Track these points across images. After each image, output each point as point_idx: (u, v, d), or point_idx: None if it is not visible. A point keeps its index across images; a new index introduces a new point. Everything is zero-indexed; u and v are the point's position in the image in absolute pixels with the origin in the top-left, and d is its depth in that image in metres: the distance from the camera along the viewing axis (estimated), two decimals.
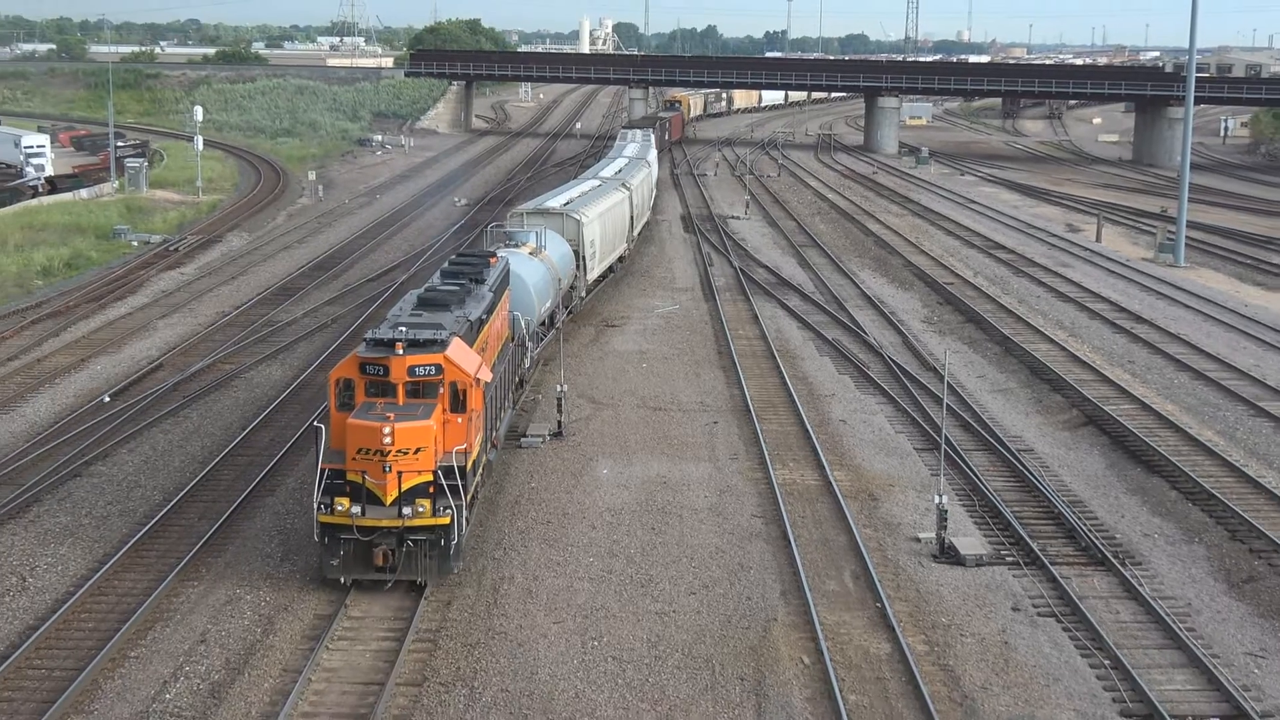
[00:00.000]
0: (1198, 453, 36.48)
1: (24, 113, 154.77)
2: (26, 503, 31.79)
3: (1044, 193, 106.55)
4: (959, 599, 27.15)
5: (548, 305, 44.48)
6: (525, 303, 40.18)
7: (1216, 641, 25.51)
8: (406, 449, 25.64)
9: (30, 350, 47.15)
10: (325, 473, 25.99)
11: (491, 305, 33.11)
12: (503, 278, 36.84)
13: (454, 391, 26.95)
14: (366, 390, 26.77)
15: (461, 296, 31.25)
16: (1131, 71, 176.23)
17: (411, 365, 26.54)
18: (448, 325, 28.15)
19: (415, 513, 25.80)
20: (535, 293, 41.61)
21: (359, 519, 25.78)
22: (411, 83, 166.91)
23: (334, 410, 27.05)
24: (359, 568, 26.25)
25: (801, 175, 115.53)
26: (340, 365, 27.38)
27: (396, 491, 25.74)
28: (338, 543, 26.10)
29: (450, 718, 22.05)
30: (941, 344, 49.49)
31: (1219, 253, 74.32)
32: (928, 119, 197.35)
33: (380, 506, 25.83)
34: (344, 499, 25.76)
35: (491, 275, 35.26)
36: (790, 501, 32.53)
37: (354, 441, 25.75)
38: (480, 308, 31.51)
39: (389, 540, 25.97)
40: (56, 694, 22.44)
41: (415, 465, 25.78)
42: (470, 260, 36.65)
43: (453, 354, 26.99)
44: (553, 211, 53.19)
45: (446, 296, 30.69)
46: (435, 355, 26.75)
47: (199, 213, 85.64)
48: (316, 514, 26.03)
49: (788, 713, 22.40)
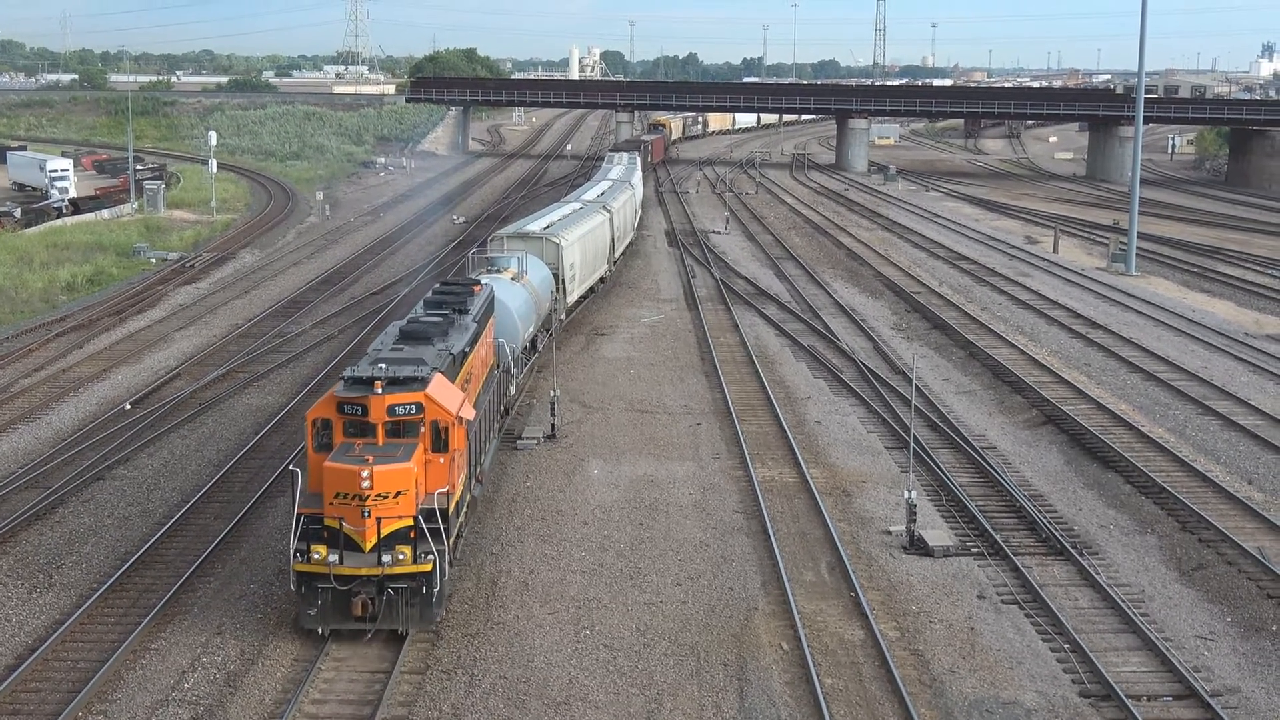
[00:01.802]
0: (1150, 449, 36.52)
1: (49, 138, 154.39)
2: (52, 504, 31.67)
3: (1004, 207, 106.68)
4: (928, 588, 27.14)
5: (530, 330, 42.87)
6: (509, 329, 38.58)
7: (1168, 626, 25.53)
8: (386, 493, 23.27)
9: (56, 361, 46.98)
10: (301, 518, 23.59)
11: (475, 335, 31.03)
12: (487, 306, 34.79)
13: (435, 431, 24.62)
14: (345, 430, 24.35)
15: (445, 328, 29.19)
16: (1085, 93, 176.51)
17: (391, 404, 24.18)
18: (429, 360, 26.05)
19: (395, 560, 23.42)
20: (519, 318, 40.11)
21: (336, 568, 23.40)
22: (412, 108, 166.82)
23: (311, 451, 24.69)
24: (337, 617, 23.81)
25: (777, 192, 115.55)
26: (317, 405, 24.94)
27: (376, 538, 23.40)
28: (315, 592, 23.67)
29: (452, 703, 21.99)
30: (909, 349, 49.49)
31: (1168, 262, 74.46)
32: (895, 139, 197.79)
33: (359, 553, 23.43)
34: (321, 546, 23.39)
35: (475, 304, 33.12)
36: (769, 498, 32.50)
37: (331, 485, 23.39)
38: (464, 339, 29.42)
39: (368, 589, 23.54)
40: (81, 684, 22.35)
41: (395, 510, 23.40)
42: (454, 290, 34.64)
43: (434, 392, 24.66)
44: (532, 235, 51.40)
45: (429, 329, 28.63)
46: (416, 394, 24.36)
47: (213, 231, 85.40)
48: (292, 562, 23.62)
49: (768, 696, 22.37)
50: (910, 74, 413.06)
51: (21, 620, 25.30)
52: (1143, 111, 77.08)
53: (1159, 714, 21.97)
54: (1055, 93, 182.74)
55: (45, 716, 21.36)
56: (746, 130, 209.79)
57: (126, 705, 21.92)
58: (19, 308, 57.67)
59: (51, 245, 73.40)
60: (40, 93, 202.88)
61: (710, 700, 22.22)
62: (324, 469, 23.56)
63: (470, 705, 21.88)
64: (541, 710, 21.78)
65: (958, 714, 21.86)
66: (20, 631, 24.81)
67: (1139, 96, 77.24)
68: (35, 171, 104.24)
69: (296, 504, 23.77)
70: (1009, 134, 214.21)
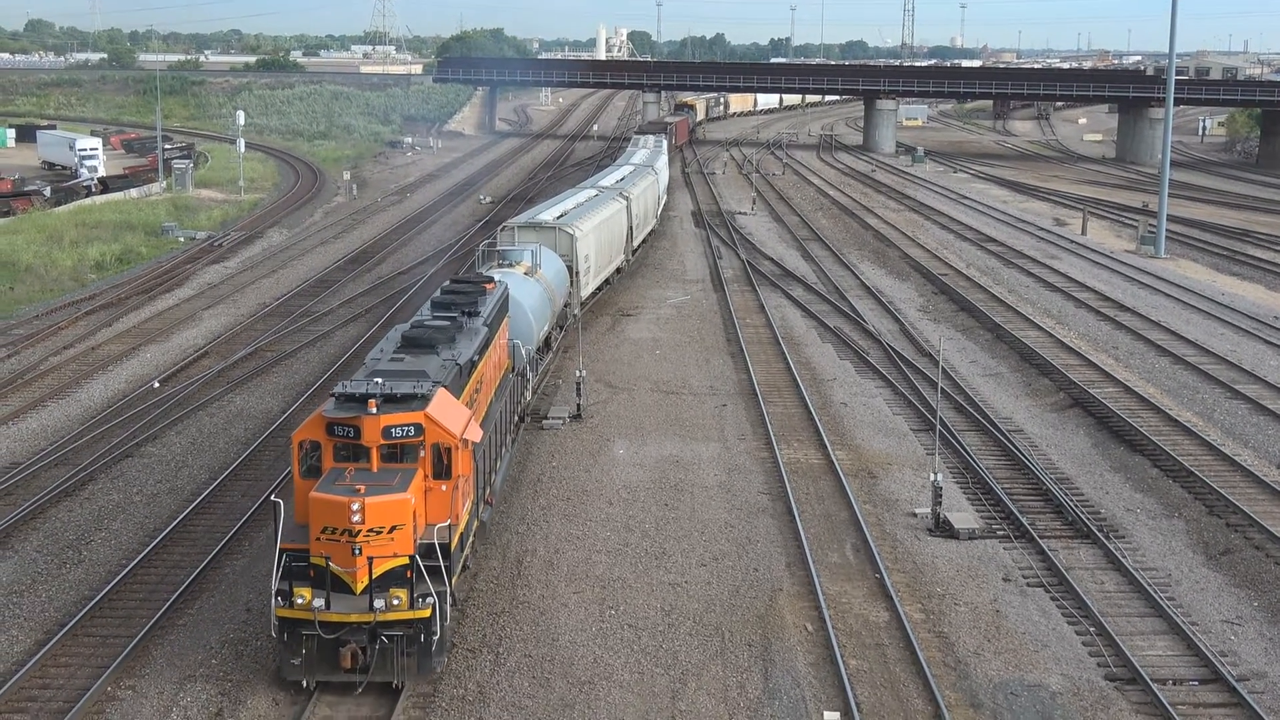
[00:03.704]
0: (1177, 433, 36.34)
1: (78, 118, 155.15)
2: (82, 481, 31.89)
3: (1032, 189, 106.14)
4: (953, 570, 27.10)
5: (545, 329, 40.35)
6: (524, 329, 35.81)
7: (1195, 610, 25.44)
8: (380, 527, 20.56)
9: (85, 339, 47.25)
10: (284, 554, 20.88)
11: (486, 341, 28.30)
12: (500, 305, 31.90)
13: (437, 455, 21.95)
14: (335, 454, 21.69)
15: (452, 334, 26.34)
16: (1115, 74, 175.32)
17: (387, 425, 21.39)
18: (432, 373, 23.44)
19: (389, 605, 20.67)
20: (534, 317, 37.44)
21: (323, 613, 20.61)
22: (439, 88, 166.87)
23: (297, 477, 22.01)
24: (324, 668, 21.01)
25: (804, 173, 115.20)
26: (304, 425, 22.13)
27: (368, 579, 20.62)
28: (299, 639, 20.87)
29: (477, 681, 22.07)
30: (936, 331, 49.34)
31: (1197, 245, 74.01)
32: (923, 120, 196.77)
33: (348, 596, 20.70)
34: (305, 589, 20.63)
35: (487, 306, 30.20)
36: (795, 479, 32.48)
37: (318, 518, 20.70)
38: (472, 347, 26.60)
39: (359, 637, 20.77)
40: (111, 659, 22.52)
41: (390, 547, 20.69)
42: (464, 289, 31.33)
43: (436, 411, 21.93)
44: (545, 225, 48.01)
45: (434, 335, 25.80)
46: (414, 413, 21.63)
47: (241, 210, 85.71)
48: (273, 607, 20.85)
49: (792, 676, 22.38)
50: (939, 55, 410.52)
51: (51, 596, 25.51)
52: (1173, 93, 76.52)
53: (1185, 698, 21.90)
54: (1085, 74, 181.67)
55: (75, 690, 21.53)
56: (768, 112, 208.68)
57: (155, 680, 22.08)
58: (49, 286, 58.03)
59: (81, 224, 73.79)
60: (69, 72, 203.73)
61: (735, 680, 22.25)
62: (310, 500, 20.89)
63: (495, 683, 21.96)
64: (566, 689, 21.84)
65: (982, 696, 21.84)
66: (50, 607, 25.01)
67: (1170, 78, 76.63)
68: (65, 150, 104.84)
69: (279, 538, 21.14)
70: (1038, 115, 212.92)
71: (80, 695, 21.23)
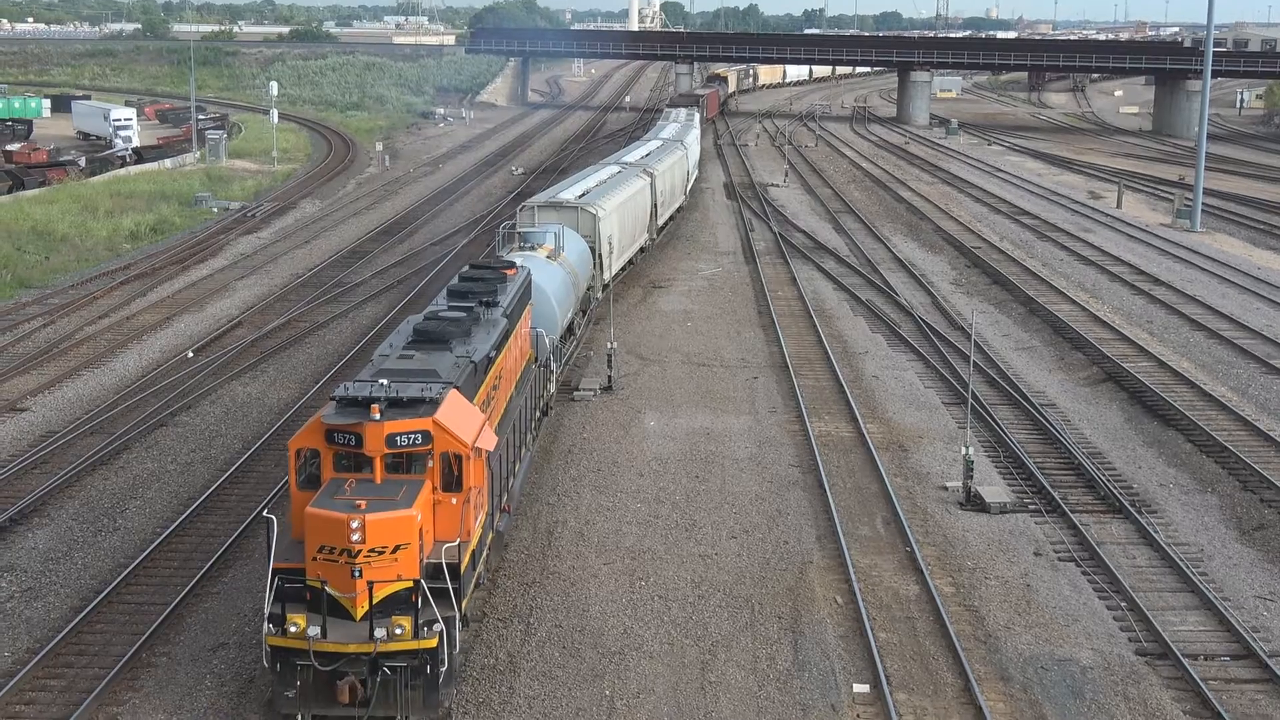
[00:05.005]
0: (1212, 407, 36.11)
1: (112, 88, 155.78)
2: (117, 450, 32.14)
3: (1067, 162, 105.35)
4: (984, 544, 27.05)
5: (569, 316, 38.46)
6: (547, 317, 34.19)
7: (1227, 585, 25.32)
8: (382, 547, 18.62)
9: (120, 309, 47.54)
10: (277, 575, 18.97)
11: (506, 333, 26.29)
12: (522, 293, 29.78)
13: (446, 465, 20.11)
14: (335, 463, 19.85)
15: (467, 327, 24.55)
16: (1152, 46, 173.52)
17: (392, 433, 19.50)
18: (444, 372, 21.51)
19: (391, 634, 18.55)
20: (557, 304, 35.56)
21: (318, 642, 18.47)
22: (472, 59, 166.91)
23: (294, 487, 20.33)
24: (320, 702, 18.88)
25: (837, 146, 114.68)
26: (302, 431, 20.38)
27: (368, 604, 18.59)
28: (293, 669, 18.73)
29: (508, 650, 22.18)
30: (969, 304, 49.14)
31: (1234, 218, 73.34)
32: (957, 92, 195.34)
33: (347, 623, 18.66)
34: (299, 616, 18.55)
35: (507, 294, 28.15)
36: (825, 452, 32.45)
37: (314, 536, 18.80)
38: (490, 341, 24.63)
39: (358, 668, 18.66)
40: (146, 625, 22.73)
41: (393, 569, 18.74)
42: (483, 276, 29.12)
43: (445, 417, 20.02)
44: (566, 205, 45.65)
45: (448, 329, 23.91)
46: (422, 420, 19.75)
47: (274, 181, 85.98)
48: (265, 634, 18.85)
49: (822, 649, 22.41)
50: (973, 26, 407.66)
51: (87, 563, 25.75)
52: (1211, 65, 75.70)
53: (1216, 674, 21.82)
54: (1121, 45, 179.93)
55: (111, 657, 21.75)
56: (797, 84, 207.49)
57: (189, 646, 22.27)
58: (84, 255, 58.38)
59: (115, 194, 74.15)
60: (104, 42, 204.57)
61: (764, 652, 22.29)
62: (306, 515, 19.04)
63: (526, 653, 22.07)
64: (596, 659, 21.93)
65: (1013, 670, 21.81)
66: (86, 574, 25.25)
67: (1207, 49, 75.83)
68: (99, 121, 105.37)
69: (272, 556, 19.32)
70: (1073, 88, 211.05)
71: (115, 662, 21.44)
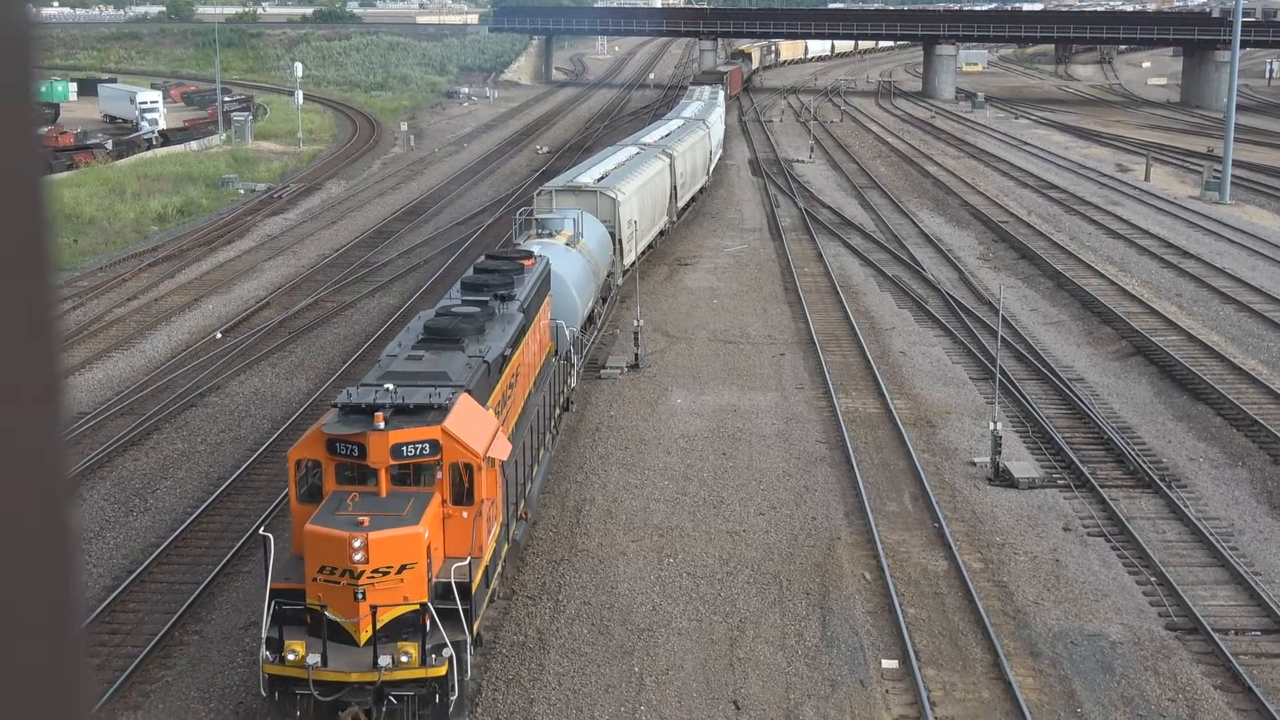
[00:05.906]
0: (1242, 381, 35.88)
1: (138, 71, 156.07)
2: (147, 431, 32.36)
3: (1094, 134, 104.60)
4: (1012, 519, 26.98)
5: (589, 305, 37.25)
6: (567, 307, 32.56)
7: (1258, 560, 25.21)
8: (387, 567, 17.48)
9: (148, 291, 47.79)
10: (275, 597, 17.82)
11: (523, 328, 25.16)
12: (541, 284, 28.57)
13: (456, 477, 18.90)
14: (338, 475, 18.71)
15: (481, 323, 23.30)
16: (1180, 17, 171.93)
17: (397, 443, 18.37)
18: (455, 374, 20.39)
19: (397, 662, 17.33)
20: (577, 294, 34.06)
21: (319, 671, 17.27)
22: (495, 38, 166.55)
23: (294, 500, 19.23)
24: None
25: (863, 120, 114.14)
26: (302, 441, 19.35)
27: (371, 629, 17.43)
28: (292, 699, 17.55)
29: (537, 627, 22.27)
30: (996, 279, 48.89)
31: (1264, 190, 72.71)
32: (983, 65, 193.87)
33: (350, 650, 17.49)
34: (298, 642, 17.38)
35: (525, 287, 26.80)
36: (853, 428, 32.40)
37: (314, 555, 17.67)
38: (505, 338, 23.47)
39: (362, 698, 17.48)
40: (178, 604, 22.91)
41: (399, 590, 17.59)
42: (499, 267, 27.81)
43: (455, 425, 18.80)
44: (585, 189, 44.14)
45: (460, 326, 22.65)
46: (430, 429, 18.60)
47: (300, 162, 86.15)
48: (262, 661, 17.66)
49: (850, 625, 22.41)
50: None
51: (119, 543, 25.95)
52: (1240, 35, 75.01)
53: (1247, 648, 21.75)
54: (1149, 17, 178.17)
55: (144, 635, 21.93)
56: (820, 59, 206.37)
57: (220, 626, 22.48)
58: (111, 238, 58.68)
59: (142, 176, 74.47)
60: (129, 25, 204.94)
61: (793, 629, 22.32)
62: (305, 533, 17.92)
63: (555, 630, 22.15)
64: (625, 636, 22.00)
65: (1042, 646, 21.78)
66: (118, 554, 25.45)
67: (1236, 20, 75.10)
68: (125, 103, 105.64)
69: (269, 576, 18.06)
70: (1101, 59, 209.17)
71: (148, 641, 21.62)
